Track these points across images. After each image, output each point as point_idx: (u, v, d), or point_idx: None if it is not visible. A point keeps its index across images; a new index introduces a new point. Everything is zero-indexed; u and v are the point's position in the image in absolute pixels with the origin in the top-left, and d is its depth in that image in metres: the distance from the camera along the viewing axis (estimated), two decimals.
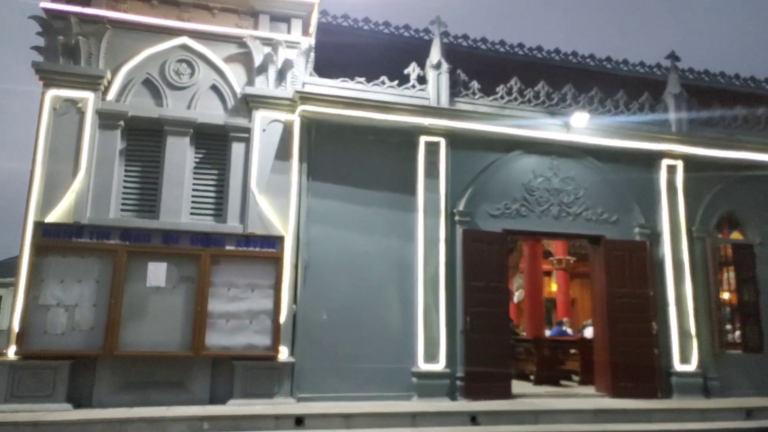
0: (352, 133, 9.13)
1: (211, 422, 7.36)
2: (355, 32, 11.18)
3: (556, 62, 12.77)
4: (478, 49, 12.42)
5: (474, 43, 12.44)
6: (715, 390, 9.76)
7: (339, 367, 8.53)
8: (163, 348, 7.95)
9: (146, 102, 8.61)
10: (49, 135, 8.10)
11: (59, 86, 8.22)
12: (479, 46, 12.47)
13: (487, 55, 12.35)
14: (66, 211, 7.99)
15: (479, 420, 8.03)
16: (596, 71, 12.64)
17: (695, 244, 10.27)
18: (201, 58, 8.88)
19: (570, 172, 10.01)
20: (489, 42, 12.55)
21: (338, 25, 11.05)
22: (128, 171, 8.53)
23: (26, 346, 7.55)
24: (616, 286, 9.83)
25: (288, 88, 8.94)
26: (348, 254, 8.87)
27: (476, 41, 12.48)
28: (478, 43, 12.50)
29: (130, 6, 8.72)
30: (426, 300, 8.94)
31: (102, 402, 7.69)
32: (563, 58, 12.92)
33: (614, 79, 12.18)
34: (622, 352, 9.59)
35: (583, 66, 12.83)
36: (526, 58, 12.57)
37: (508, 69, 10.69)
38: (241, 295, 8.32)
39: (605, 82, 11.18)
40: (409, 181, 9.25)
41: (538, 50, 12.86)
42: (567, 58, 12.92)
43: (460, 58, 10.52)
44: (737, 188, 10.68)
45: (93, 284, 7.89)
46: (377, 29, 11.45)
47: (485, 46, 12.53)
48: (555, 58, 12.93)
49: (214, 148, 8.82)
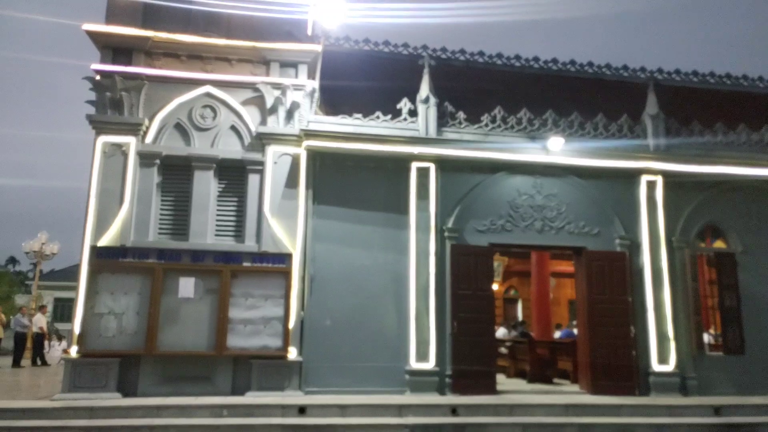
0: (351, 162, 10.51)
1: (229, 410, 8.93)
2: (360, 53, 11.90)
3: (553, 72, 12.49)
4: (476, 62, 12.06)
5: (471, 57, 12.08)
6: (693, 389, 10.53)
7: (341, 365, 9.92)
8: (192, 348, 9.61)
9: (177, 143, 10.30)
10: (100, 174, 9.90)
11: (108, 133, 10.02)
12: (476, 60, 12.09)
13: (485, 68, 12.09)
14: (114, 236, 9.76)
15: (459, 412, 9.23)
16: (593, 78, 12.35)
17: (675, 254, 11.04)
18: (222, 103, 10.50)
19: (553, 189, 11.01)
20: (486, 55, 12.18)
21: (344, 47, 11.19)
22: (163, 201, 10.24)
23: (85, 347, 9.35)
24: (596, 293, 10.77)
25: (295, 126, 10.42)
26: (348, 268, 10.25)
27: (473, 54, 12.12)
28: (475, 56, 12.12)
29: (163, 62, 10.43)
30: (418, 307, 10.20)
31: (145, 392, 9.39)
32: (560, 67, 12.49)
33: (616, 85, 12.23)
34: (602, 353, 10.53)
35: (581, 74, 12.44)
36: (523, 69, 12.24)
37: (507, 81, 11.58)
38: (257, 304, 9.86)
39: (607, 89, 11.79)
40: (402, 202, 10.54)
41: (535, 61, 12.44)
42: (565, 67, 12.48)
43: (457, 73, 11.37)
44: (719, 200, 11.36)
45: (136, 296, 9.62)
46: (377, 49, 11.42)
47: (482, 60, 12.11)
48: (552, 68, 12.50)
49: (233, 179, 10.41)
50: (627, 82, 12.15)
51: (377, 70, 10.95)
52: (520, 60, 12.29)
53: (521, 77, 11.96)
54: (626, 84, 12.07)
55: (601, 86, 12.02)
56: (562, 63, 12.79)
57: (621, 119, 11.24)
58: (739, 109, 12.24)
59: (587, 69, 12.53)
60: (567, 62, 12.76)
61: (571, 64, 12.80)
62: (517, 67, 12.20)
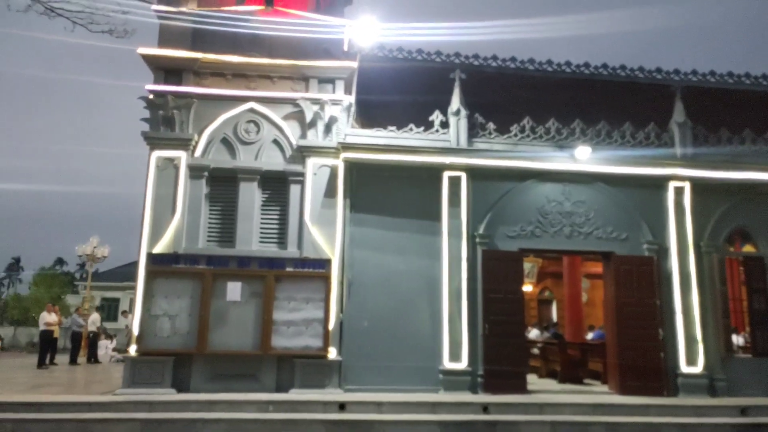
0: (386, 172, 11.08)
1: (275, 406, 9.61)
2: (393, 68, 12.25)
3: (585, 75, 12.35)
4: (507, 68, 12.08)
5: (503, 63, 12.07)
6: (722, 390, 10.77)
7: (378, 364, 10.49)
8: (239, 348, 10.32)
9: (224, 156, 11.05)
10: (154, 186, 10.71)
11: (161, 148, 10.82)
12: (508, 65, 12.10)
13: (516, 74, 12.14)
14: (168, 243, 10.55)
15: (490, 410, 9.71)
16: (626, 81, 12.25)
17: (703, 258, 11.29)
18: (265, 118, 11.20)
19: (581, 196, 11.38)
20: (518, 61, 12.17)
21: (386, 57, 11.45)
22: (211, 210, 11.00)
23: (143, 346, 10.16)
24: (625, 296, 11.10)
25: (333, 139, 11.05)
26: (384, 272, 10.82)
27: (505, 60, 12.10)
28: (507, 62, 12.10)
29: (211, 81, 11.18)
30: (451, 309, 10.71)
31: (197, 388, 10.13)
32: (593, 71, 12.29)
33: (648, 88, 12.20)
34: (630, 354, 10.85)
35: (614, 77, 12.31)
36: (555, 74, 12.20)
37: (538, 86, 11.88)
38: (299, 306, 10.52)
39: (640, 92, 11.95)
40: (435, 210, 11.05)
41: (567, 65, 12.33)
42: (597, 71, 12.29)
43: (489, 80, 11.66)
44: (747, 204, 11.54)
45: (188, 299, 10.39)
46: (410, 57, 11.55)
47: (514, 65, 12.13)
48: (584, 71, 12.32)
49: (276, 189, 11.09)
50: (660, 84, 12.08)
51: (410, 84, 11.45)
52: (552, 65, 12.21)
53: (553, 82, 12.10)
54: (659, 87, 12.04)
55: (634, 89, 12.15)
56: (594, 67, 12.51)
57: (648, 127, 11.53)
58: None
59: (620, 72, 12.32)
60: (599, 66, 12.60)
61: (604, 67, 12.47)
62: (549, 72, 12.14)
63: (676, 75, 12.44)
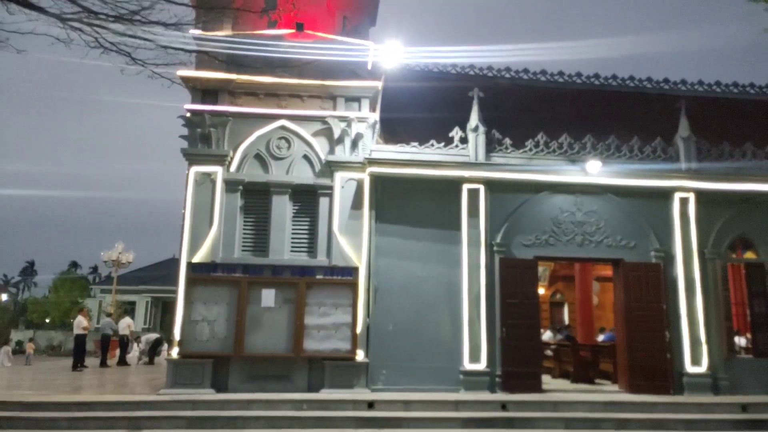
0: (409, 185, 11.81)
1: (308, 404, 10.34)
2: (415, 88, 13.07)
3: (595, 86, 12.85)
4: (521, 79, 12.63)
5: (516, 74, 12.60)
6: (725, 389, 11.47)
7: (402, 365, 11.22)
8: (273, 350, 11.07)
9: (257, 171, 11.80)
10: (193, 199, 11.46)
11: (199, 164, 11.58)
12: (521, 77, 12.63)
13: (529, 85, 12.66)
14: (206, 253, 11.29)
15: (508, 407, 10.43)
16: (635, 92, 12.76)
17: (707, 264, 12.00)
18: (295, 135, 11.95)
19: (592, 206, 12.10)
20: (531, 72, 12.70)
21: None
22: (246, 222, 11.74)
23: (184, 349, 10.91)
24: (633, 300, 11.81)
25: (359, 154, 11.79)
26: (408, 279, 11.56)
27: (518, 72, 12.65)
28: (520, 73, 12.64)
29: (244, 101, 11.94)
30: (470, 314, 11.44)
31: (234, 388, 10.87)
32: (603, 82, 12.83)
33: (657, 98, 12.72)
34: (639, 356, 11.57)
35: (623, 88, 12.83)
36: (566, 85, 12.71)
37: (550, 97, 12.51)
38: (328, 311, 11.26)
39: (648, 102, 12.52)
40: (455, 220, 11.79)
41: (578, 76, 12.84)
42: (607, 82, 12.85)
43: (503, 91, 12.24)
44: (749, 214, 12.25)
45: (225, 305, 11.14)
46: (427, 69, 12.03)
47: (527, 77, 12.66)
48: (594, 82, 12.84)
49: (306, 201, 11.84)
50: (668, 95, 12.60)
51: (431, 102, 12.16)
52: (563, 76, 12.71)
53: (564, 93, 12.66)
54: (667, 97, 12.60)
55: (643, 100, 12.70)
56: (604, 78, 12.94)
57: (655, 142, 12.25)
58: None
59: (628, 83, 12.86)
60: (609, 77, 13.04)
61: (613, 78, 12.92)
62: (561, 82, 12.65)
63: (683, 85, 12.88)
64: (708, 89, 13.15)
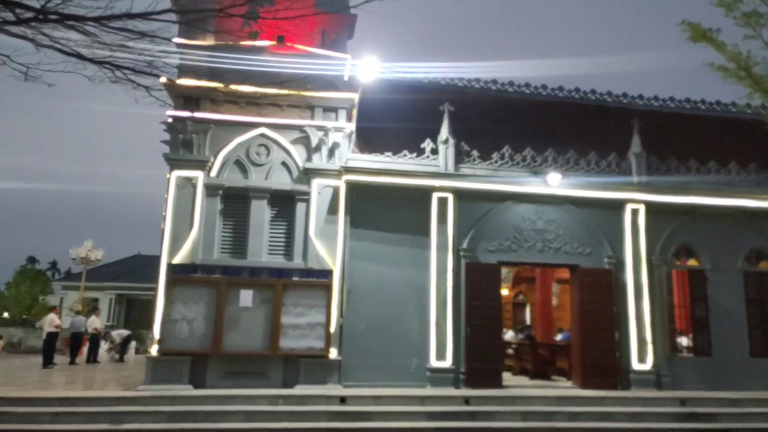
0: (382, 192, 12.49)
1: (284, 399, 10.93)
2: (389, 99, 13.92)
3: (559, 98, 13.92)
4: (489, 89, 13.56)
5: (485, 85, 13.47)
6: (667, 385, 12.52)
7: (373, 363, 11.88)
8: (250, 348, 11.59)
9: (237, 176, 12.30)
10: (174, 202, 11.88)
11: (180, 168, 12.01)
12: (490, 87, 13.54)
13: (498, 96, 13.62)
14: (186, 254, 11.74)
15: (471, 402, 11.22)
16: (596, 105, 13.92)
17: (654, 270, 13.05)
18: (274, 142, 12.49)
19: (552, 215, 13.00)
20: (499, 83, 13.65)
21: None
22: (225, 225, 12.23)
23: (163, 347, 11.35)
24: (587, 303, 12.77)
25: (336, 162, 12.41)
26: (380, 282, 12.23)
27: (487, 82, 13.55)
28: (489, 84, 13.53)
29: (226, 108, 12.41)
30: (437, 314, 12.19)
31: (212, 385, 11.36)
32: (566, 94, 13.96)
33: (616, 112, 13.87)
34: (591, 354, 12.53)
35: (585, 101, 14.00)
36: (532, 96, 13.68)
37: (517, 109, 13.38)
38: (304, 312, 11.85)
39: (608, 116, 13.56)
40: (425, 226, 12.52)
41: (543, 88, 13.83)
42: (570, 95, 13.98)
43: (472, 102, 13.15)
44: (692, 225, 13.36)
45: (204, 305, 11.61)
46: (400, 77, 12.93)
47: (495, 87, 13.60)
48: (558, 95, 13.96)
49: (284, 206, 12.39)
50: (626, 109, 13.80)
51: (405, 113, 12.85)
52: (530, 87, 13.75)
53: (530, 105, 13.61)
54: (624, 111, 13.76)
55: (603, 113, 13.80)
56: (568, 90, 14.08)
57: (610, 157, 13.23)
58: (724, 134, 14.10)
59: (590, 96, 14.11)
60: (572, 90, 14.12)
61: (576, 91, 14.16)
62: (527, 93, 13.68)
63: (640, 100, 14.26)
64: (663, 104, 14.46)
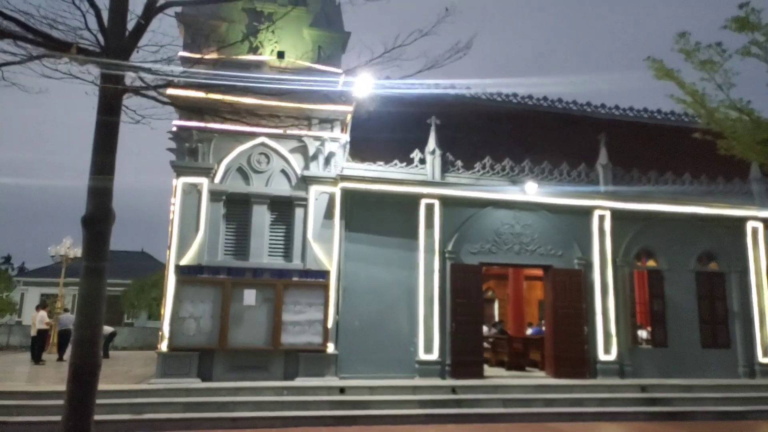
0: (375, 198, 13.49)
1: (288, 390, 11.87)
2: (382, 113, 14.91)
3: (529, 107, 15.36)
4: (463, 96, 14.68)
5: (460, 90, 14.33)
6: (629, 373, 13.95)
7: (367, 356, 12.91)
8: (254, 344, 12.48)
9: (239, 183, 13.10)
10: (181, 207, 12.62)
11: (186, 175, 12.74)
12: (464, 94, 14.57)
13: (473, 102, 14.92)
14: (193, 256, 12.51)
15: (457, 391, 12.39)
16: (563, 113, 15.46)
17: (618, 271, 14.46)
18: (274, 151, 13.33)
19: (528, 220, 14.25)
20: (472, 90, 14.73)
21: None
22: (228, 228, 13.03)
23: (172, 343, 12.12)
24: (559, 300, 14.08)
25: (332, 171, 13.34)
26: (373, 281, 13.26)
27: (461, 89, 14.36)
28: (463, 90, 14.41)
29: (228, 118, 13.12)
30: (425, 311, 13.30)
31: (219, 378, 12.20)
32: (535, 103, 15.47)
33: (582, 119, 15.47)
34: (563, 347, 13.85)
35: (552, 109, 15.59)
36: (504, 104, 15.06)
37: (491, 115, 14.68)
38: (303, 309, 12.78)
39: (575, 123, 14.95)
40: (414, 231, 13.60)
41: (513, 96, 15.16)
42: (538, 103, 15.51)
43: (448, 106, 14.21)
44: (652, 229, 14.82)
45: (210, 304, 12.42)
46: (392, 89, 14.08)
47: (469, 95, 14.74)
48: (528, 103, 15.41)
49: (283, 211, 13.26)
50: (590, 117, 15.31)
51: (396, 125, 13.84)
52: (501, 95, 15.09)
53: (502, 113, 14.91)
54: (590, 119, 15.24)
55: (570, 121, 15.20)
56: (536, 99, 15.46)
57: (580, 167, 14.56)
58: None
59: (557, 104, 15.61)
60: (540, 98, 15.52)
61: (544, 99, 15.54)
62: (499, 101, 15.03)
63: (603, 108, 15.87)
64: (623, 113, 16.09)
